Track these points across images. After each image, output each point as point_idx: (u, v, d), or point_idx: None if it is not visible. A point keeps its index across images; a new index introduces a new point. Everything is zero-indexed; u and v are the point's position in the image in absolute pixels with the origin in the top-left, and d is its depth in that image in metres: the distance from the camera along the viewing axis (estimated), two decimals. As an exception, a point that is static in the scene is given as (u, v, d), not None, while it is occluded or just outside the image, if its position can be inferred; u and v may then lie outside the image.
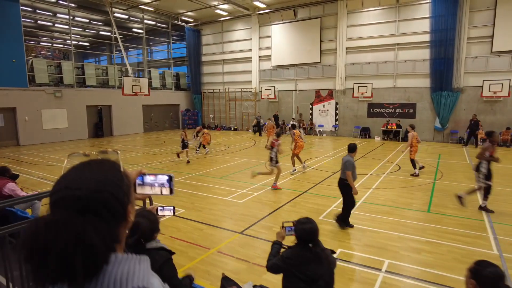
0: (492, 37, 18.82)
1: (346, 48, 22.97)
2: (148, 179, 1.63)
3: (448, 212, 7.74)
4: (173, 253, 2.73)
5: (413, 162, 11.52)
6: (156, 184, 1.66)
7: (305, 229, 2.81)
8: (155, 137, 23.53)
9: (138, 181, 1.63)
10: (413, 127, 11.82)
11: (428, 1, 20.12)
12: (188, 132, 14.69)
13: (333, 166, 12.98)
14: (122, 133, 25.26)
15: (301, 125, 23.82)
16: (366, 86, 21.95)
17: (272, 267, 2.98)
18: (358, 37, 22.57)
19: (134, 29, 28.92)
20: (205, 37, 30.09)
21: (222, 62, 29.23)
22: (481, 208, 7.82)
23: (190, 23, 29.67)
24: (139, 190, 1.63)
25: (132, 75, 21.77)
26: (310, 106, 24.89)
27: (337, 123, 23.97)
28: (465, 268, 5.18)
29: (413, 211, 7.83)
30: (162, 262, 2.46)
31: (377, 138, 21.86)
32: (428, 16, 20.18)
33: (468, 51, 19.64)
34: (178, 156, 14.32)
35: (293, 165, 12.00)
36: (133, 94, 21.15)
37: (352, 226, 6.72)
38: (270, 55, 26.08)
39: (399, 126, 21.23)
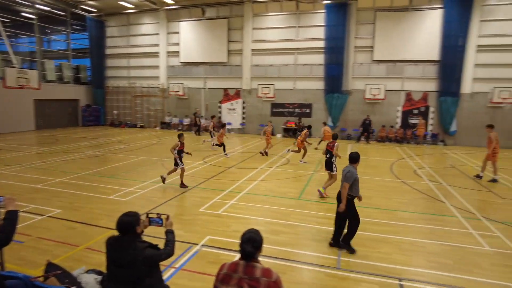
0: (372, 47, 21.70)
1: (252, 50, 24.02)
2: None
3: (315, 198, 8.88)
4: None
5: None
6: None
7: (117, 220, 3.00)
8: (49, 135, 21.42)
9: None
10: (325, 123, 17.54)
11: (323, 11, 22.21)
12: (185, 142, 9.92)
13: (229, 162, 13.65)
14: (8, 130, 22.32)
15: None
16: (269, 87, 23.33)
17: None
18: (262, 40, 23.80)
19: (24, 14, 25.76)
20: (109, 29, 28.33)
21: (128, 56, 27.92)
22: None
23: (93, 13, 27.64)
24: None
25: (17, 66, 19.44)
26: (219, 105, 25.41)
27: (244, 121, 24.94)
28: (313, 244, 6.11)
29: (286, 199, 8.78)
30: None
31: (279, 136, 23.44)
32: (323, 24, 22.27)
33: (355, 58, 22.31)
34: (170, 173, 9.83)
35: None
36: (19, 87, 18.94)
37: (354, 252, 5.74)
38: (179, 52, 25.85)
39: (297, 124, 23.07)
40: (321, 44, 22.39)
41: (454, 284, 4.89)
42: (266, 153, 15.26)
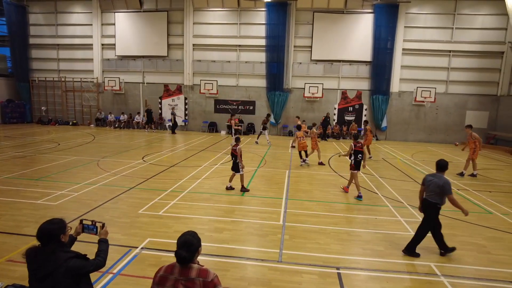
0: (311, 47, 22.56)
1: (193, 45, 23.52)
2: None
3: (258, 194, 9.01)
4: None
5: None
6: None
7: (38, 229, 2.73)
8: (-41, 134, 18.83)
9: None
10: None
11: (263, 9, 22.50)
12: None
13: (172, 160, 13.25)
14: None
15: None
16: (212, 83, 23.08)
17: None
18: (204, 35, 23.42)
19: None
20: (33, 16, 25.63)
21: (57, 47, 25.55)
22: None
23: (11, -4, 24.79)
24: None
25: None
26: (159, 100, 24.51)
27: (186, 117, 24.38)
28: (256, 239, 6.18)
29: (230, 195, 8.78)
30: None
31: (223, 132, 23.35)
32: (264, 22, 22.57)
33: (295, 57, 23.00)
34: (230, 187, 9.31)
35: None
36: None
37: (418, 255, 5.76)
38: (114, 44, 24.34)
39: (241, 121, 23.18)
40: (263, 42, 22.69)
41: (385, 268, 5.31)
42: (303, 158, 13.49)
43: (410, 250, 5.78)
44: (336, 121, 22.93)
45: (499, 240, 6.56)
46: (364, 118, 22.68)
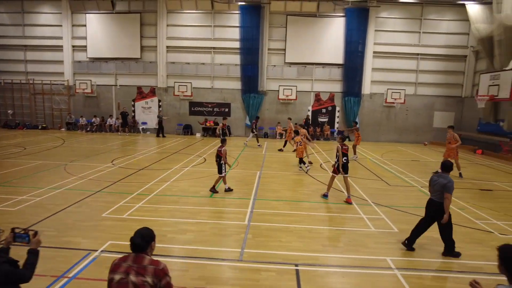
0: (285, 50, 22.86)
1: (167, 47, 23.33)
2: None
3: (227, 195, 9.06)
4: None
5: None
6: None
7: None
8: None
9: None
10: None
11: (237, 12, 22.61)
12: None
13: (142, 163, 13.08)
14: None
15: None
16: (186, 85, 22.95)
17: None
18: (178, 37, 23.27)
19: None
20: (-2, 16, 24.72)
21: (24, 48, 24.70)
22: None
23: (-26, -5, 23.81)
24: None
25: None
26: (133, 103, 24.12)
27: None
28: (219, 239, 6.21)
29: (198, 197, 8.78)
30: None
31: (198, 135, 23.25)
32: (238, 25, 22.69)
33: (269, 60, 23.23)
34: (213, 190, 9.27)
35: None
36: None
37: (459, 255, 5.88)
38: (86, 46, 23.78)
39: (216, 123, 23.15)
40: (237, 44, 22.80)
41: (342, 264, 5.47)
42: (310, 162, 13.65)
43: (451, 252, 5.87)
44: (310, 122, 23.28)
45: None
46: (337, 120, 23.22)
